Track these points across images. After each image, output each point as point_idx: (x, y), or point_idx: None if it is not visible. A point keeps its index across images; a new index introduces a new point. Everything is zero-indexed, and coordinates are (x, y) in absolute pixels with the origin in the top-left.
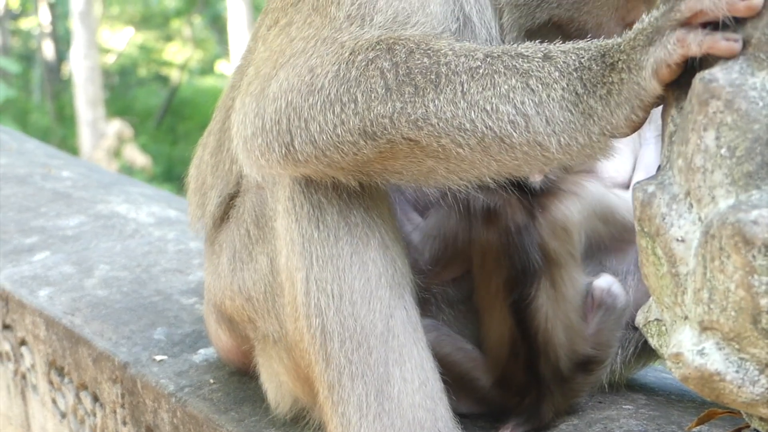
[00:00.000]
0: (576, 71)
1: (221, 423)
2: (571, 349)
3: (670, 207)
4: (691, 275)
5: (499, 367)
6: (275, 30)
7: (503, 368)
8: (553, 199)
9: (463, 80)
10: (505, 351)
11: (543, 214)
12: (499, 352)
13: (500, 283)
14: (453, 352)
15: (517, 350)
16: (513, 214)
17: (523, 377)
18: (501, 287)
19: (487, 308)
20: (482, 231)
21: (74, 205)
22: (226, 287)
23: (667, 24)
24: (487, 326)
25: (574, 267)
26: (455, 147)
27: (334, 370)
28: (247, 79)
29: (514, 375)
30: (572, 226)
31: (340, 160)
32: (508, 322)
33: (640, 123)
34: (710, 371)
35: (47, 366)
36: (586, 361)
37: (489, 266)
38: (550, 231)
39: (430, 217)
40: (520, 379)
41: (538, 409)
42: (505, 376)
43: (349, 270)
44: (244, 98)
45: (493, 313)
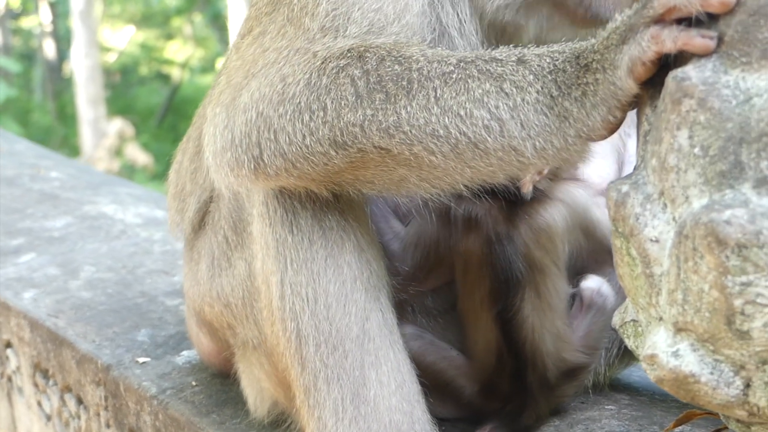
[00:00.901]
0: (550, 74)
1: (202, 426)
2: (559, 358)
3: (644, 207)
4: (665, 276)
5: (485, 375)
6: (249, 39)
7: (489, 376)
8: (537, 206)
9: (436, 86)
10: (492, 360)
11: (526, 221)
12: (485, 361)
13: (484, 293)
14: (437, 360)
15: (503, 360)
16: (495, 223)
17: (509, 386)
18: (485, 297)
19: (472, 318)
20: (463, 240)
21: (61, 206)
22: (205, 294)
23: (641, 21)
24: (473, 336)
25: (558, 275)
26: (428, 154)
27: (309, 374)
28: (219, 88)
29: (499, 383)
30: (556, 234)
31: (311, 171)
32: (493, 333)
33: (618, 124)
34: (685, 373)
35: (32, 368)
36: (574, 368)
37: (472, 276)
38: (533, 239)
39: (410, 224)
40: (505, 387)
41: (520, 414)
42: (491, 383)
43: (323, 273)
44: (215, 108)
45: (478, 323)
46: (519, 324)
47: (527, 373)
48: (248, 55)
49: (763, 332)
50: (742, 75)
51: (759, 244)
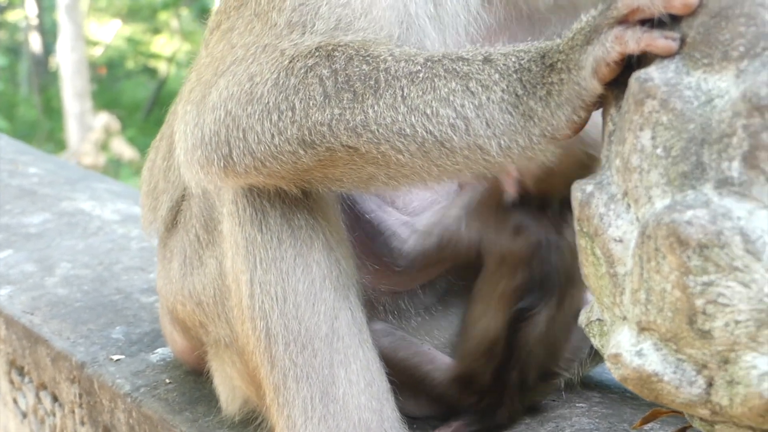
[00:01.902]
0: (516, 73)
1: (175, 423)
2: (544, 365)
3: (608, 207)
4: (628, 276)
5: (468, 361)
6: (217, 34)
7: (471, 365)
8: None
9: (402, 85)
10: (483, 348)
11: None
12: (476, 347)
13: (509, 288)
14: (410, 356)
15: (495, 352)
16: (547, 231)
17: (489, 379)
18: (509, 292)
19: (484, 303)
20: (510, 241)
21: (39, 202)
22: (178, 292)
23: (605, 22)
24: (475, 319)
25: (583, 291)
26: (395, 153)
27: (279, 372)
28: (189, 85)
29: (479, 375)
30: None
31: (280, 169)
32: (500, 325)
33: (582, 124)
34: (648, 372)
35: (8, 365)
36: (552, 373)
37: (504, 270)
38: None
39: (424, 214)
40: (484, 380)
41: (494, 411)
42: (470, 373)
43: (292, 272)
44: (186, 105)
45: (488, 310)
46: (529, 326)
47: (512, 372)
48: (217, 51)
49: (724, 332)
50: (704, 76)
51: (720, 245)
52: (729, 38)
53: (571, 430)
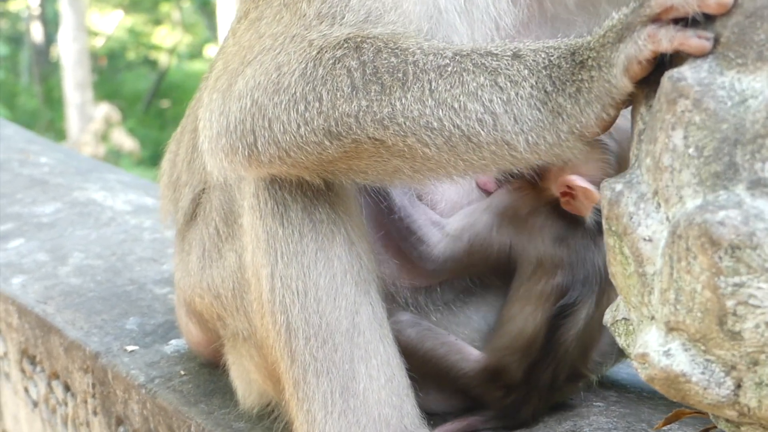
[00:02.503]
0: (545, 69)
1: (190, 415)
2: (575, 365)
3: (638, 206)
4: (657, 275)
5: (499, 356)
6: (245, 23)
7: (503, 359)
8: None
9: (431, 78)
10: (519, 344)
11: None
12: (510, 342)
13: (551, 286)
14: (436, 346)
15: (532, 349)
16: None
17: (519, 375)
18: (549, 290)
19: (521, 302)
20: (551, 249)
21: (51, 192)
22: (196, 285)
23: (638, 20)
24: (512, 316)
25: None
26: (422, 146)
27: (299, 367)
28: (215, 74)
29: (510, 369)
30: None
31: (305, 160)
32: (540, 322)
33: (611, 122)
34: (676, 372)
35: (20, 354)
36: (580, 375)
37: (542, 271)
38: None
39: (454, 217)
40: (515, 375)
41: (519, 408)
42: (500, 368)
43: (314, 267)
44: (212, 94)
45: (526, 307)
46: (569, 323)
47: (546, 370)
48: (244, 40)
49: (754, 333)
50: (738, 76)
51: (752, 246)
52: (764, 38)
53: (589, 429)
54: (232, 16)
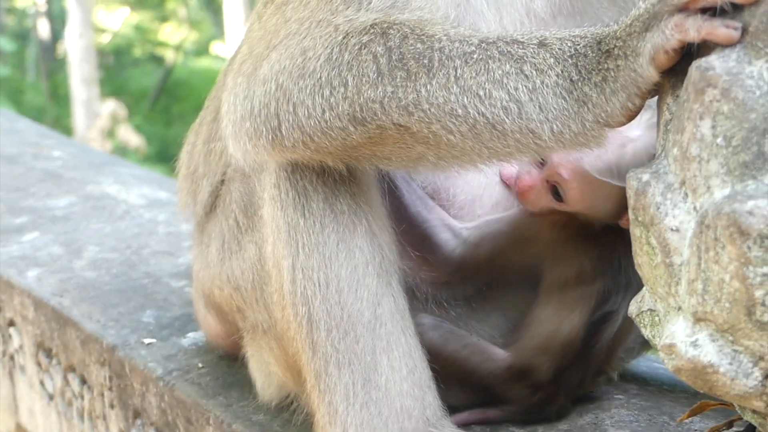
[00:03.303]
0: (571, 58)
1: (209, 407)
2: (602, 363)
3: (665, 196)
4: (685, 266)
5: (529, 356)
6: (271, 7)
7: (532, 360)
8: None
9: (456, 65)
10: (552, 348)
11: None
12: (542, 343)
13: (591, 293)
14: (458, 348)
15: (565, 353)
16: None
17: (548, 375)
18: (590, 297)
19: (556, 305)
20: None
21: (64, 186)
22: (215, 277)
23: (665, 9)
24: (546, 318)
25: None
26: (446, 133)
27: (320, 358)
28: (240, 57)
29: (538, 370)
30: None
31: (328, 145)
32: (576, 328)
33: (636, 111)
34: (703, 363)
35: (35, 347)
36: (604, 371)
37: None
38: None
39: (475, 224)
40: (543, 375)
41: (544, 407)
42: (528, 368)
43: (335, 258)
44: (236, 78)
45: (562, 311)
46: (608, 330)
47: (577, 370)
48: (270, 25)
49: None
50: (767, 65)
51: None
52: None
53: (610, 422)
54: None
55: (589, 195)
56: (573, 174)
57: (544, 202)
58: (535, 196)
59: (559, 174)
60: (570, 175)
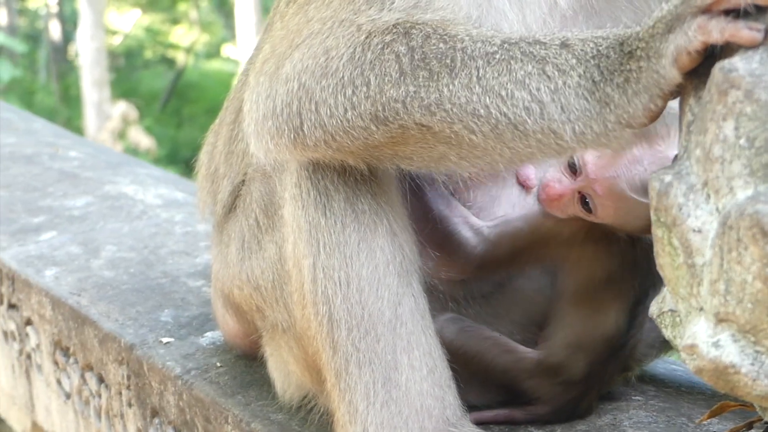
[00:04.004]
0: (593, 59)
1: (228, 407)
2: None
3: (687, 197)
4: (707, 266)
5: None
6: (294, 7)
7: (565, 359)
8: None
9: (478, 65)
10: (589, 345)
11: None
12: (579, 342)
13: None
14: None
15: (603, 349)
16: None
17: (583, 373)
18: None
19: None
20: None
21: (81, 186)
22: (235, 276)
23: (688, 11)
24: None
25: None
26: (468, 133)
27: (341, 357)
28: (263, 56)
29: (574, 368)
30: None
31: (350, 144)
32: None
33: (658, 112)
34: (725, 363)
35: (52, 346)
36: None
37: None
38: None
39: (496, 222)
40: (578, 372)
41: (577, 403)
42: (560, 366)
43: (356, 257)
44: (258, 77)
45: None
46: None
47: (610, 366)
48: (292, 24)
49: None
50: None
51: None
52: None
53: (629, 423)
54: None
55: (621, 212)
56: (608, 191)
57: (571, 211)
58: (563, 205)
59: (594, 189)
60: (604, 192)
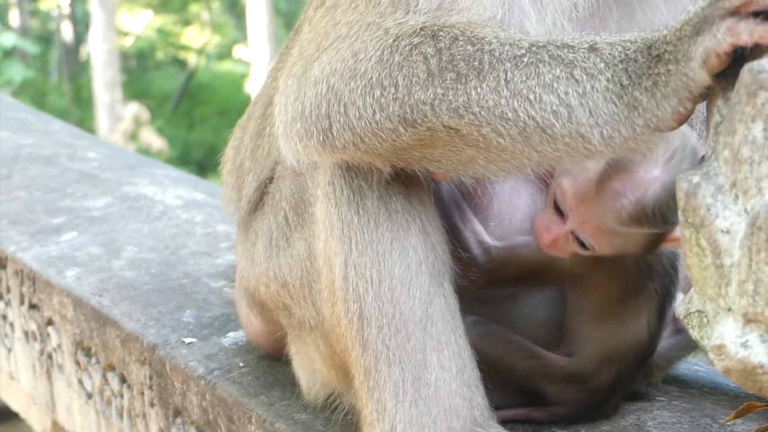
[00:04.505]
0: (621, 63)
1: (251, 406)
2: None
3: (716, 198)
4: (735, 267)
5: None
6: (321, 11)
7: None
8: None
9: (506, 68)
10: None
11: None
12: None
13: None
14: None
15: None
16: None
17: (613, 377)
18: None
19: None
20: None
21: (100, 186)
22: (261, 274)
23: (716, 13)
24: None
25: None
26: (496, 136)
27: (370, 355)
28: (291, 60)
29: (605, 375)
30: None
31: (379, 146)
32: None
33: (687, 115)
34: (753, 364)
35: (74, 346)
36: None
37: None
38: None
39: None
40: (608, 379)
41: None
42: (592, 374)
43: (389, 256)
44: (287, 80)
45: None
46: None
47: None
48: (320, 27)
49: None
50: None
51: None
52: None
53: (653, 423)
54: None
55: (618, 244)
56: (598, 230)
57: (571, 250)
58: (561, 247)
59: (584, 231)
60: (595, 232)
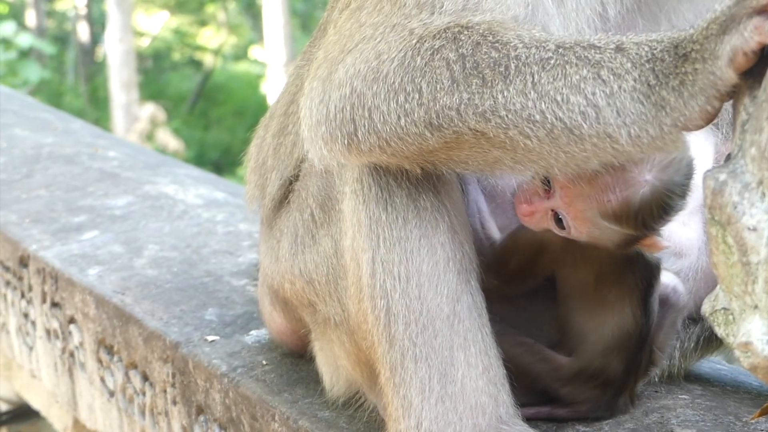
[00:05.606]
0: (648, 62)
1: (275, 404)
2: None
3: (742, 196)
4: (762, 264)
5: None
6: (346, 13)
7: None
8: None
9: (533, 71)
10: (620, 344)
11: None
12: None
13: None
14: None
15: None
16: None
17: (621, 370)
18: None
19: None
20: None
21: (122, 185)
22: (286, 271)
23: (743, 12)
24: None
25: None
26: (523, 138)
27: (397, 351)
28: (316, 62)
29: (612, 368)
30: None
31: (404, 150)
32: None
33: (715, 114)
34: None
35: (96, 344)
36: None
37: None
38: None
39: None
40: (616, 371)
41: (617, 398)
42: (600, 369)
43: (417, 253)
44: (312, 82)
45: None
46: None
47: (642, 357)
48: (345, 29)
49: None
50: None
51: None
52: None
53: (676, 421)
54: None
55: (594, 234)
56: (580, 217)
57: (545, 225)
58: (537, 221)
59: (565, 213)
60: (576, 217)
